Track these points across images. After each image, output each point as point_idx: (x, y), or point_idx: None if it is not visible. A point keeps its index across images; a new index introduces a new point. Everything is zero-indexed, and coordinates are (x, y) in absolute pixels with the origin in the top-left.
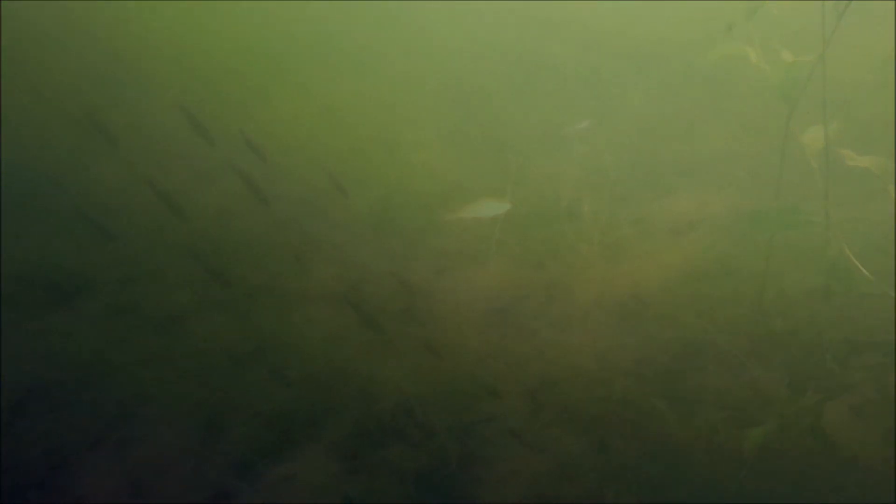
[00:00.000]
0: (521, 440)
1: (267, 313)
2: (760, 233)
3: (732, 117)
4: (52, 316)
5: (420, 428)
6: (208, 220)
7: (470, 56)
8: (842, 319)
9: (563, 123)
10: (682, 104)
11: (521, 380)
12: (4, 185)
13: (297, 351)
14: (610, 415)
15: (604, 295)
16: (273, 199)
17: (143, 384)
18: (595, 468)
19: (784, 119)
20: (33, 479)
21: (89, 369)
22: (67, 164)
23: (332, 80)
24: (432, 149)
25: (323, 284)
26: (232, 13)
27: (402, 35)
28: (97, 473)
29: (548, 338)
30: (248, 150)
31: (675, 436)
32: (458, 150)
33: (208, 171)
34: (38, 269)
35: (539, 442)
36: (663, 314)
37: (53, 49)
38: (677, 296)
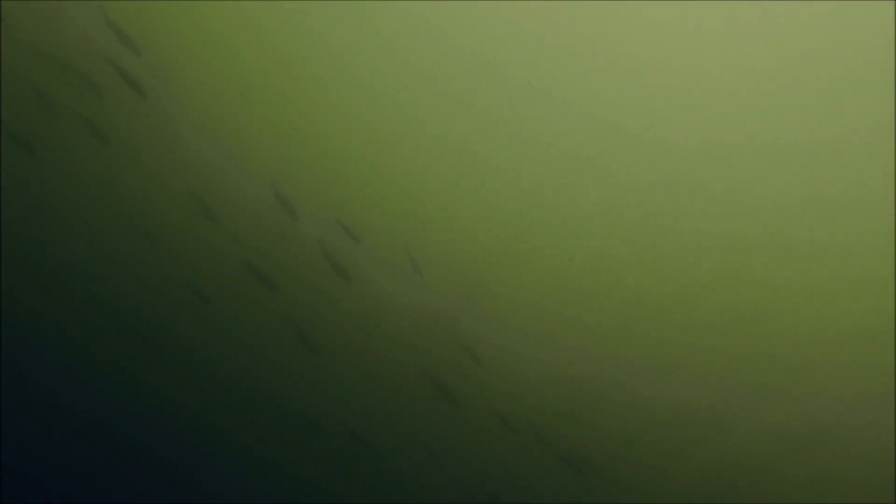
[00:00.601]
0: None
1: (347, 379)
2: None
3: None
4: (139, 366)
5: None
6: (297, 293)
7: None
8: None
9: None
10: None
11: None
12: (111, 247)
13: (376, 418)
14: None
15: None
16: (355, 278)
17: (219, 442)
18: None
19: None
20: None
21: (167, 419)
22: (171, 234)
23: (417, 164)
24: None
25: (400, 356)
26: (331, 106)
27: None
28: None
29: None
30: (341, 230)
31: None
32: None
33: (299, 248)
34: (130, 321)
35: None
36: None
37: (161, 132)
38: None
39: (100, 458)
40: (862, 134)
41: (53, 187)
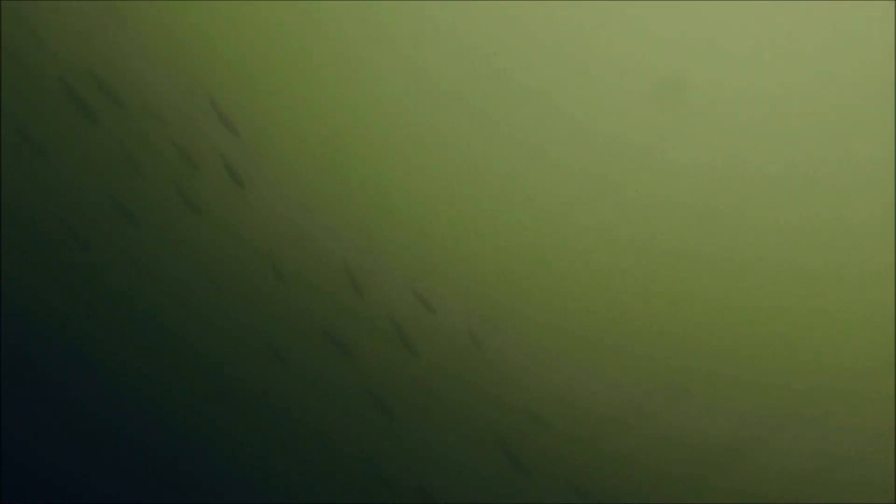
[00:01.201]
0: None
1: (421, 442)
2: None
3: None
4: (212, 411)
5: None
6: (374, 359)
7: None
8: None
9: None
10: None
11: None
12: (197, 307)
13: (446, 479)
14: None
15: None
16: (424, 352)
17: (293, 495)
18: None
19: None
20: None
21: (241, 470)
22: (252, 298)
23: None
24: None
25: (471, 423)
26: (404, 181)
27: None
28: None
29: None
30: (417, 302)
31: None
32: None
33: (373, 318)
34: (209, 376)
35: None
36: None
37: (251, 206)
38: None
39: None
40: (863, 158)
41: (146, 249)
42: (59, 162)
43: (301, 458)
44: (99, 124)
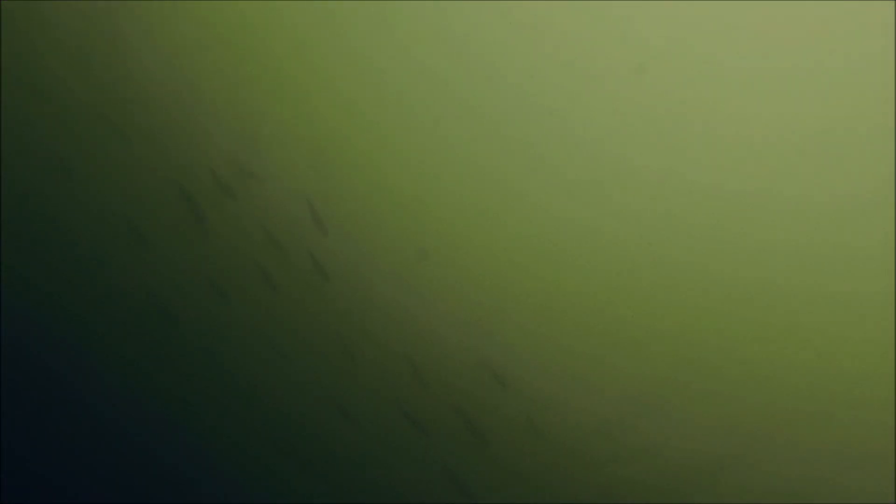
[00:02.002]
0: None
1: None
2: None
3: None
4: (286, 474)
5: None
6: (447, 438)
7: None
8: None
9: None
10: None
11: None
12: (271, 372)
13: None
14: None
15: None
16: (489, 436)
17: None
18: None
19: None
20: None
21: None
22: (322, 365)
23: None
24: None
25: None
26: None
27: None
28: None
29: None
30: (491, 377)
31: None
32: None
33: (442, 403)
34: (280, 434)
35: None
36: None
37: (325, 290)
38: None
39: None
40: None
41: (233, 322)
42: (161, 251)
43: None
44: (205, 220)
